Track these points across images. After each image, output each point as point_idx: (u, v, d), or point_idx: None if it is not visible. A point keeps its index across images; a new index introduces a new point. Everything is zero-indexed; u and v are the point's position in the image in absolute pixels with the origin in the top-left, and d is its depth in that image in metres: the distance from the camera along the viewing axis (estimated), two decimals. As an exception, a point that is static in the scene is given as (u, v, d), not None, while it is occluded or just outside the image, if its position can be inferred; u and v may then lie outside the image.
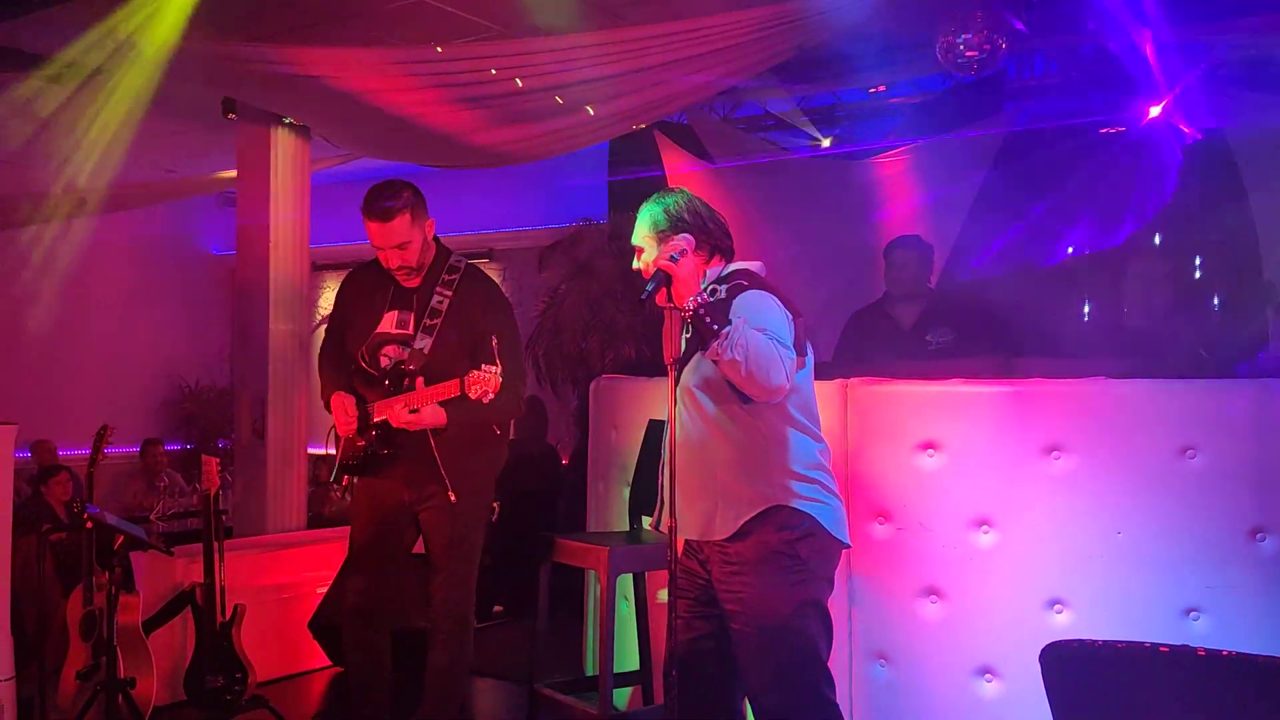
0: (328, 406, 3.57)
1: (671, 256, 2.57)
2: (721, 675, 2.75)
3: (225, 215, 9.67)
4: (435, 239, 3.60)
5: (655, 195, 2.86)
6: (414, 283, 3.54)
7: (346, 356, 3.59)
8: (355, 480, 3.62)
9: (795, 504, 2.62)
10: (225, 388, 9.35)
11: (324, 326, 3.87)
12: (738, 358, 2.44)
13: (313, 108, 5.67)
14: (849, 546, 2.75)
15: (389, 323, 3.51)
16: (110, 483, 7.77)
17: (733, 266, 2.82)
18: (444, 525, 3.52)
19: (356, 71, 4.86)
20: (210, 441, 9.09)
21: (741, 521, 2.62)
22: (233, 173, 6.38)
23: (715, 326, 2.47)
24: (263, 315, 5.81)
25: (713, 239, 2.80)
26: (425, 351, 3.43)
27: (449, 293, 3.50)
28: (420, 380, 3.36)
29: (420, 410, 3.33)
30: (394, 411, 3.37)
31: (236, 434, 6.13)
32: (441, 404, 3.32)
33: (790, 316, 2.65)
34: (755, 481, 2.62)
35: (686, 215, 2.78)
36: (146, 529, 5.23)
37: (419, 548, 3.65)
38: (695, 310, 2.50)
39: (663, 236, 2.76)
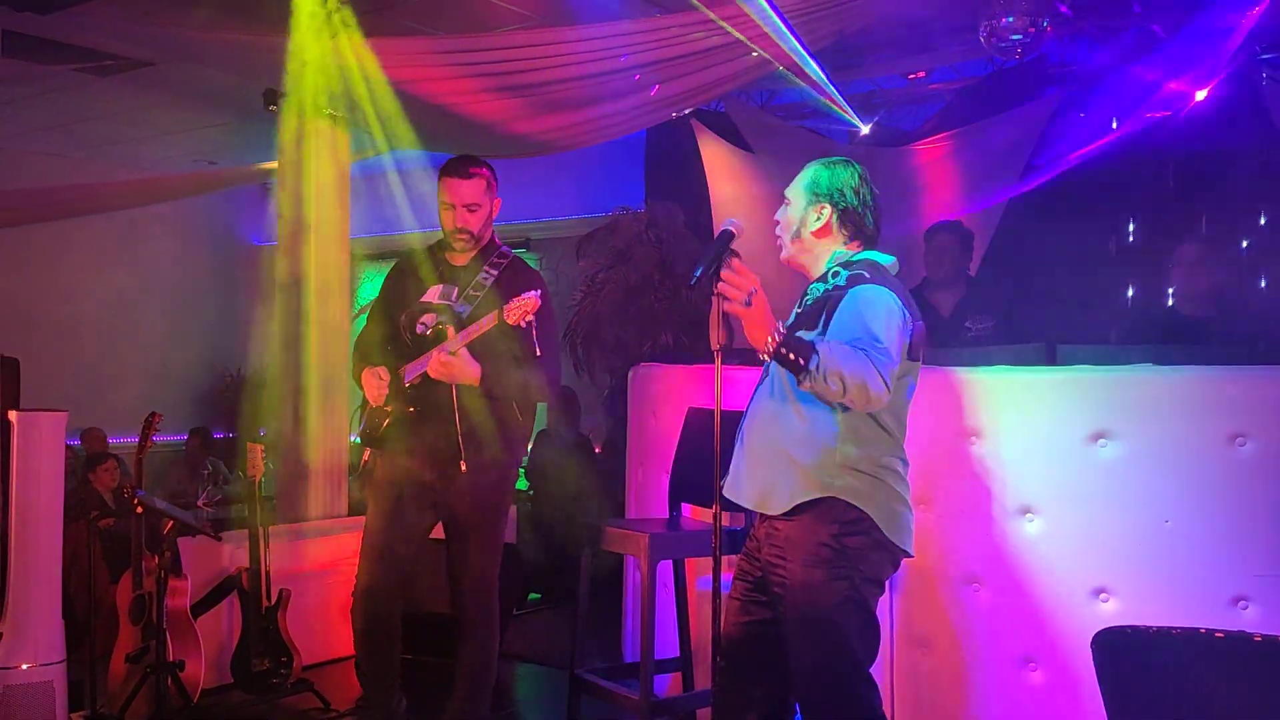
0: (358, 381, 3.58)
1: (745, 301, 2.44)
2: (772, 663, 2.71)
3: (265, 206, 9.77)
4: (493, 234, 3.64)
5: (832, 158, 2.81)
6: (463, 260, 3.56)
7: (387, 337, 3.60)
8: (376, 459, 3.61)
9: (851, 499, 2.56)
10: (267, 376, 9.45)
11: (364, 314, 3.89)
12: (833, 387, 2.39)
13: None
14: (910, 555, 2.68)
15: (433, 295, 3.54)
16: (154, 470, 7.90)
17: (865, 254, 2.74)
18: (467, 506, 3.50)
19: (395, 61, 4.89)
20: (253, 429, 9.18)
21: (796, 502, 2.58)
22: (273, 163, 6.44)
23: (800, 361, 2.39)
24: (301, 306, 5.86)
25: (857, 221, 2.74)
26: (463, 317, 3.43)
27: (495, 272, 3.55)
28: (451, 329, 3.36)
29: (456, 354, 3.30)
30: (430, 363, 3.36)
31: (279, 422, 6.20)
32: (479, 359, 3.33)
33: (906, 319, 2.58)
34: (817, 467, 2.57)
35: (845, 188, 2.73)
36: (194, 514, 5.31)
37: (437, 532, 3.64)
38: (776, 350, 2.41)
39: (811, 199, 2.74)
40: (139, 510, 4.02)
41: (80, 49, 5.37)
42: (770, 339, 2.41)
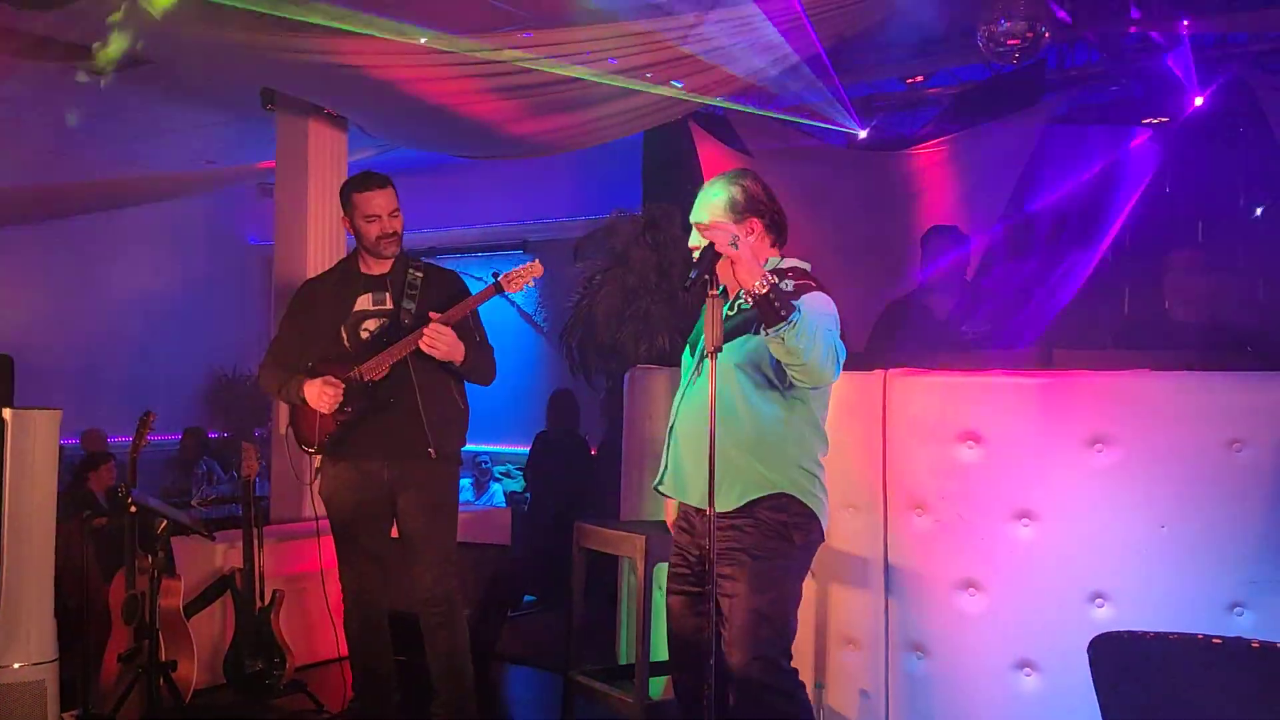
0: (295, 399, 3.62)
1: (732, 242, 2.56)
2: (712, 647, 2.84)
3: (264, 205, 9.75)
4: None
5: (730, 174, 2.90)
6: (384, 268, 3.69)
7: (314, 354, 3.66)
8: (328, 466, 3.66)
9: (800, 495, 2.74)
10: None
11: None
12: (803, 345, 2.49)
13: (350, 98, 5.70)
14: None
15: (364, 304, 3.68)
16: (149, 469, 7.87)
17: (789, 261, 2.86)
18: (425, 502, 3.60)
19: (394, 61, 4.88)
20: (248, 429, 9.18)
21: (746, 499, 2.72)
22: (271, 163, 6.43)
23: (784, 312, 2.48)
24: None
25: (778, 226, 2.86)
26: (413, 311, 3.59)
27: (420, 272, 3.70)
28: (434, 315, 3.48)
29: (450, 326, 3.43)
30: (423, 339, 3.43)
31: (273, 422, 6.19)
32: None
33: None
34: (769, 466, 2.73)
35: (762, 198, 2.83)
36: (188, 514, 5.29)
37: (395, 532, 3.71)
38: (766, 293, 2.49)
39: (737, 218, 2.80)
40: (132, 509, 4.01)
41: (74, 46, 5.34)
42: (759, 283, 2.49)
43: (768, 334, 2.53)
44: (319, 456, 3.71)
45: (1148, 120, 5.65)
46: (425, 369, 3.56)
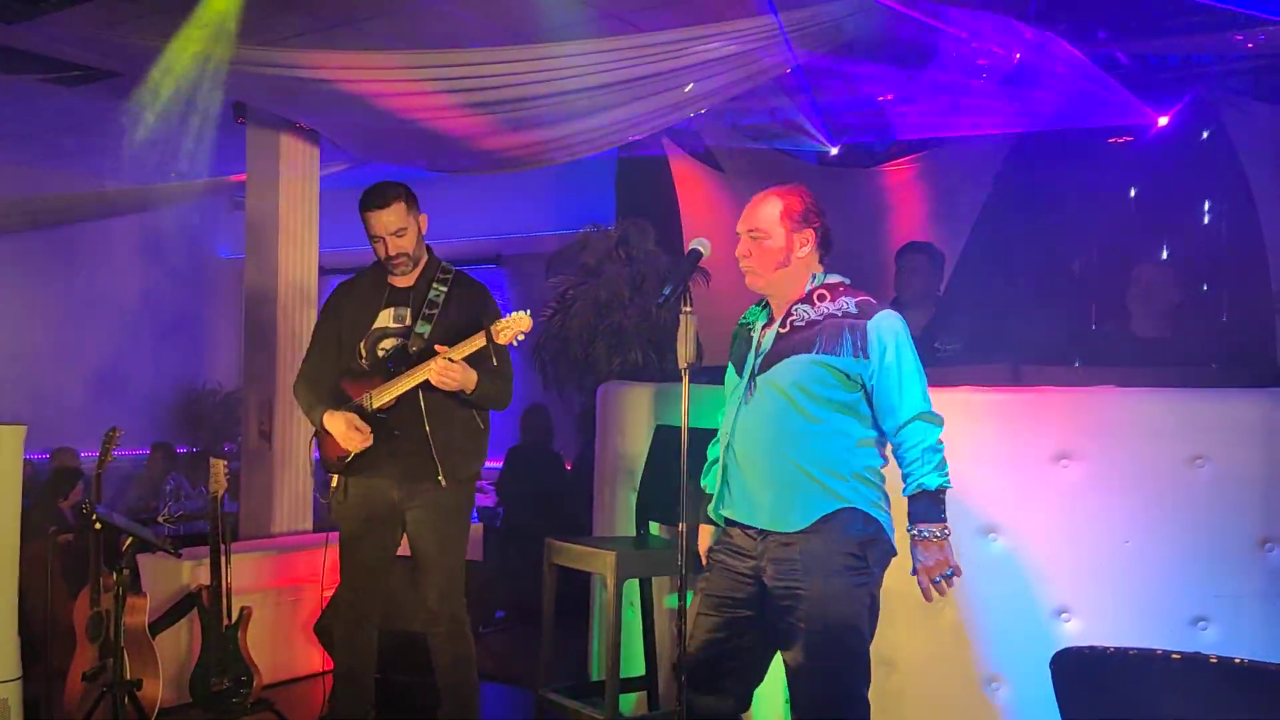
0: (318, 423, 3.57)
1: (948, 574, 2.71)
2: (741, 672, 2.81)
3: (234, 218, 9.69)
4: (427, 247, 3.68)
5: (785, 186, 2.87)
6: (408, 281, 3.61)
7: (338, 368, 3.61)
8: (346, 483, 3.62)
9: (868, 509, 2.70)
10: (232, 391, 9.37)
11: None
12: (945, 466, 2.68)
13: (321, 112, 5.69)
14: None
15: (385, 319, 3.59)
16: (117, 485, 7.78)
17: (834, 277, 2.86)
18: (434, 521, 3.54)
19: (366, 75, 4.88)
20: (217, 444, 9.10)
21: (816, 517, 2.67)
22: (243, 176, 6.40)
23: (943, 512, 2.68)
24: (271, 319, 5.83)
25: (827, 242, 2.86)
26: (425, 336, 3.50)
27: (444, 288, 3.60)
28: (441, 348, 3.39)
29: (457, 362, 3.33)
30: (430, 371, 3.34)
31: (244, 437, 6.14)
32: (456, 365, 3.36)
33: None
34: (836, 480, 2.69)
35: (817, 210, 2.83)
36: (154, 531, 5.24)
37: (404, 550, 3.66)
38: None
39: (796, 226, 2.79)
40: (97, 526, 3.96)
41: (45, 58, 5.31)
42: (942, 548, 2.65)
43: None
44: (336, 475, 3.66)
45: (1113, 139, 5.72)
46: (435, 397, 3.45)
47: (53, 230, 8.38)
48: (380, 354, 3.55)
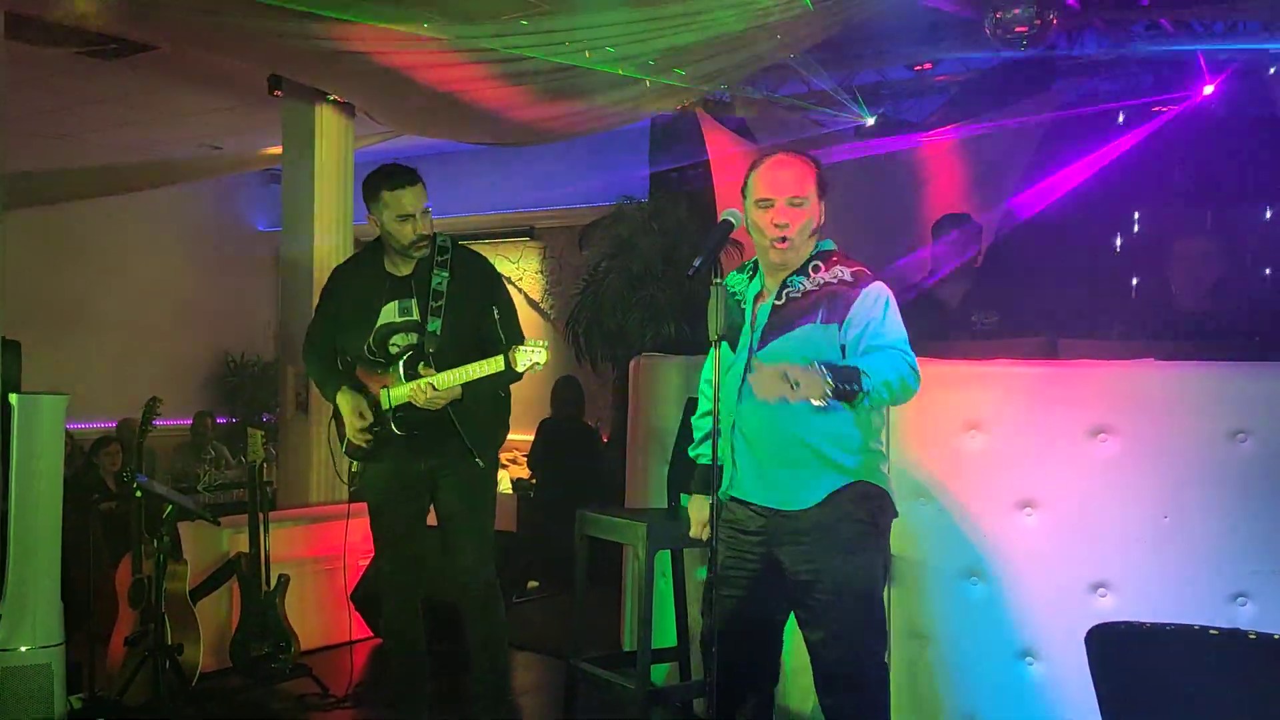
0: (332, 400, 3.57)
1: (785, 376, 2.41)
2: (771, 647, 2.82)
3: (271, 192, 9.75)
4: None
5: (804, 154, 2.81)
6: (407, 268, 3.53)
7: (340, 350, 3.60)
8: (365, 465, 3.62)
9: (873, 479, 2.71)
10: (270, 362, 9.48)
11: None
12: (884, 396, 2.52)
13: (357, 85, 5.70)
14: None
15: (391, 313, 3.52)
16: (158, 454, 7.91)
17: (826, 244, 2.79)
18: (465, 490, 3.54)
19: (400, 48, 4.87)
20: (255, 415, 9.21)
21: (827, 493, 2.65)
22: (278, 149, 6.44)
23: (855, 388, 2.44)
24: (307, 291, 5.87)
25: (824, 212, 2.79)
26: (437, 334, 3.45)
27: (446, 273, 3.51)
28: (427, 373, 3.38)
29: (442, 389, 3.34)
30: (415, 395, 3.37)
31: (281, 408, 6.22)
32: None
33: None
34: (848, 454, 2.67)
35: (829, 184, 2.78)
36: (194, 499, 5.32)
37: (432, 520, 3.67)
38: (833, 392, 2.40)
39: (822, 194, 2.76)
40: (138, 494, 4.03)
41: (83, 32, 5.34)
42: (825, 392, 2.38)
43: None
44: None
45: (1157, 108, 5.61)
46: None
47: (90, 203, 8.47)
48: (393, 350, 3.50)
